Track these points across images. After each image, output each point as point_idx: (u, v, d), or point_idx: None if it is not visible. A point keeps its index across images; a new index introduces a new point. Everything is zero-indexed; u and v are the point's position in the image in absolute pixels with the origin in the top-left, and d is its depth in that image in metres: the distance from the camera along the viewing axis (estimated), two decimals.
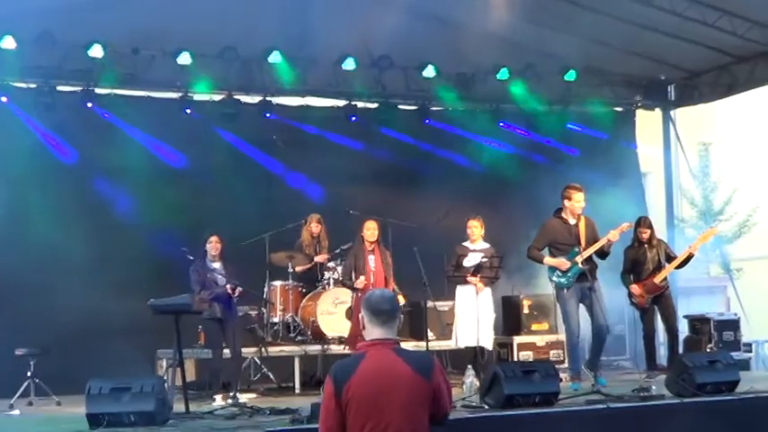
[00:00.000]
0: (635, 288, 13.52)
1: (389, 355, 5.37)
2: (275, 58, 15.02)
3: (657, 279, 13.49)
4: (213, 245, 12.50)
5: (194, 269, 12.31)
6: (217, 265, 12.44)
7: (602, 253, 12.71)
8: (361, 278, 12.73)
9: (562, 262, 12.52)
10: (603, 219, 13.29)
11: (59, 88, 14.52)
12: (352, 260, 13.00)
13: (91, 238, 13.82)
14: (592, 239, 12.61)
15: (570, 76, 16.53)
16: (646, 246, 13.68)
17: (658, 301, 13.62)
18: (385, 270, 12.94)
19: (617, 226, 12.78)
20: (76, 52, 14.04)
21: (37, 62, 14.02)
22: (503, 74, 16.23)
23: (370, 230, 12.96)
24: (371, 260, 12.92)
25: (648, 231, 13.76)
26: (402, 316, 10.25)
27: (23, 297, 13.38)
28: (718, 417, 10.29)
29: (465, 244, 13.22)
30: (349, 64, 15.41)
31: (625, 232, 13.01)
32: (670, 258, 13.70)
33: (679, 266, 13.86)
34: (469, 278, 12.90)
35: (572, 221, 12.66)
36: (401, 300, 13.13)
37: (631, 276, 13.68)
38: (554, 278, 12.66)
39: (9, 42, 13.61)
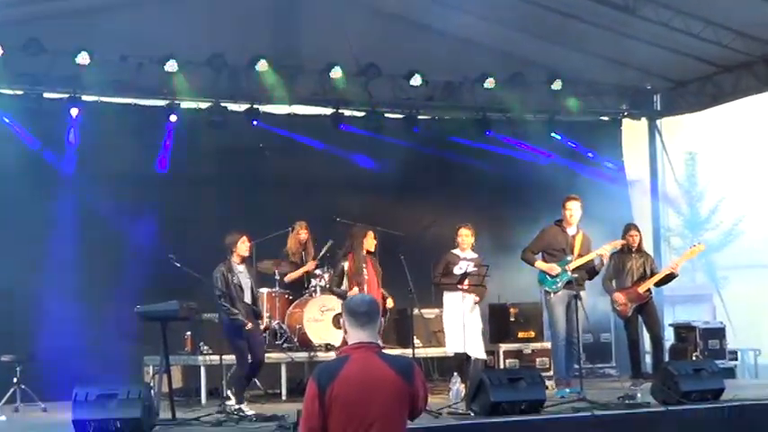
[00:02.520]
0: (619, 296, 13.57)
1: (373, 358, 5.41)
2: (262, 66, 14.99)
3: (641, 289, 13.55)
4: (247, 246, 11.98)
5: (220, 272, 11.72)
6: (241, 267, 11.99)
7: (593, 271, 13.04)
8: (355, 289, 12.70)
9: (552, 267, 12.78)
10: (589, 227, 13.38)
11: (46, 95, 14.50)
12: (343, 268, 12.99)
13: (78, 244, 13.83)
14: (585, 254, 12.87)
15: (556, 85, 16.56)
16: (633, 253, 13.74)
17: (642, 310, 13.66)
18: (377, 278, 12.99)
19: (609, 241, 13.09)
20: (63, 59, 14.03)
21: (24, 69, 14.01)
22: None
23: (374, 240, 13.01)
24: (364, 269, 12.94)
25: (638, 236, 13.84)
26: (382, 320, 10.23)
27: (9, 303, 13.36)
28: (702, 424, 10.41)
29: (455, 252, 13.25)
30: (336, 72, 15.43)
31: (616, 252, 13.28)
32: (654, 273, 13.79)
33: (659, 283, 13.94)
34: (458, 285, 12.92)
35: (570, 232, 12.91)
36: (390, 302, 13.15)
37: (613, 283, 13.74)
38: (543, 283, 12.86)
39: None
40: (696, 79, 17.11)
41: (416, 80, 15.82)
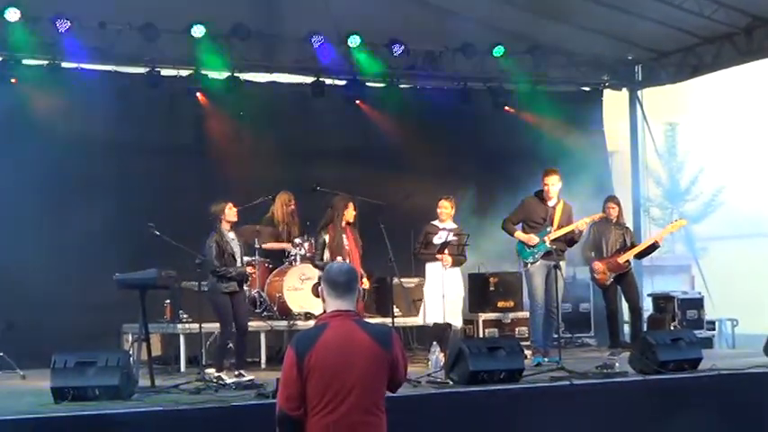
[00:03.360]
0: (597, 265, 13.63)
1: (350, 325, 5.44)
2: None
3: (621, 259, 13.61)
4: (234, 211, 11.93)
5: (214, 241, 11.71)
6: (232, 235, 11.96)
7: (571, 241, 13.05)
8: (339, 259, 12.67)
9: (531, 238, 12.81)
10: (569, 197, 13.39)
11: (25, 62, 14.40)
12: (324, 240, 12.88)
13: (57, 211, 13.77)
14: (565, 224, 12.90)
15: (536, 54, 16.58)
16: (613, 225, 13.79)
17: (621, 281, 13.72)
18: (357, 247, 12.92)
19: (589, 214, 13.15)
20: (43, 25, 13.94)
21: (2, 35, 13.91)
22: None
23: (354, 212, 12.92)
24: (345, 240, 12.87)
25: (616, 208, 13.91)
26: (362, 289, 10.21)
27: None
28: (680, 394, 10.45)
29: (435, 223, 13.22)
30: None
31: (596, 222, 13.30)
32: (634, 245, 13.86)
33: (640, 255, 14.02)
34: (437, 255, 12.90)
35: (550, 203, 12.92)
36: (365, 283, 13.03)
37: (593, 253, 13.79)
38: (522, 254, 12.91)
39: None
40: (677, 50, 17.12)
41: (397, 49, 15.80)
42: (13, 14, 13.60)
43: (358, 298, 5.59)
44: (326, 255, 12.75)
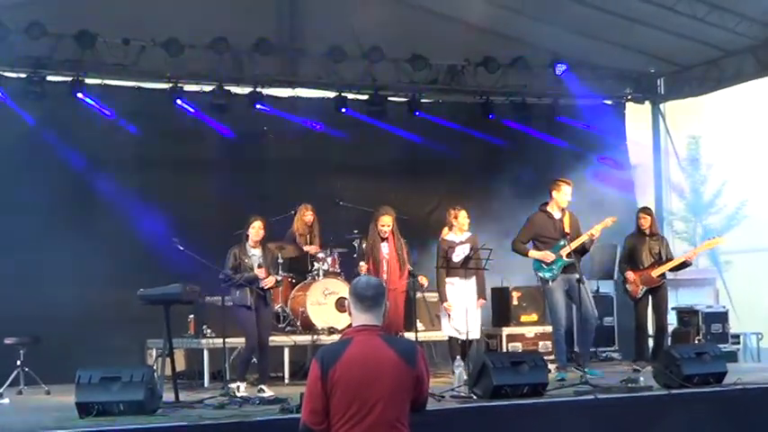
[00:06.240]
0: (630, 275, 13.55)
1: (375, 340, 5.43)
2: None
3: (655, 273, 13.52)
4: (257, 230, 11.88)
5: (232, 252, 11.79)
6: (257, 251, 11.94)
7: (583, 249, 12.82)
8: (362, 263, 12.74)
9: (547, 254, 12.61)
10: (593, 211, 13.33)
11: (49, 78, 14.49)
12: (368, 246, 12.95)
13: (81, 227, 13.80)
14: (576, 234, 12.68)
15: (560, 68, 16.56)
16: (647, 237, 13.71)
17: (654, 295, 13.62)
18: (398, 257, 12.92)
19: (600, 221, 12.91)
20: (66, 42, 14.02)
21: (26, 52, 14.00)
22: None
23: (386, 226, 12.91)
24: (384, 247, 12.89)
25: (648, 218, 13.81)
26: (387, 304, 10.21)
27: (13, 286, 13.36)
28: (705, 408, 10.38)
29: (448, 237, 13.16)
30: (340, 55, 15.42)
31: (609, 227, 13.06)
32: (669, 258, 13.77)
33: (673, 269, 13.93)
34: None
35: (557, 216, 12.75)
36: (423, 281, 13.04)
37: (626, 265, 13.72)
38: (539, 271, 12.74)
39: None
40: (700, 63, 17.09)
41: (420, 64, 15.83)
42: (36, 32, 13.66)
43: (386, 312, 5.59)
44: (362, 262, 12.82)
